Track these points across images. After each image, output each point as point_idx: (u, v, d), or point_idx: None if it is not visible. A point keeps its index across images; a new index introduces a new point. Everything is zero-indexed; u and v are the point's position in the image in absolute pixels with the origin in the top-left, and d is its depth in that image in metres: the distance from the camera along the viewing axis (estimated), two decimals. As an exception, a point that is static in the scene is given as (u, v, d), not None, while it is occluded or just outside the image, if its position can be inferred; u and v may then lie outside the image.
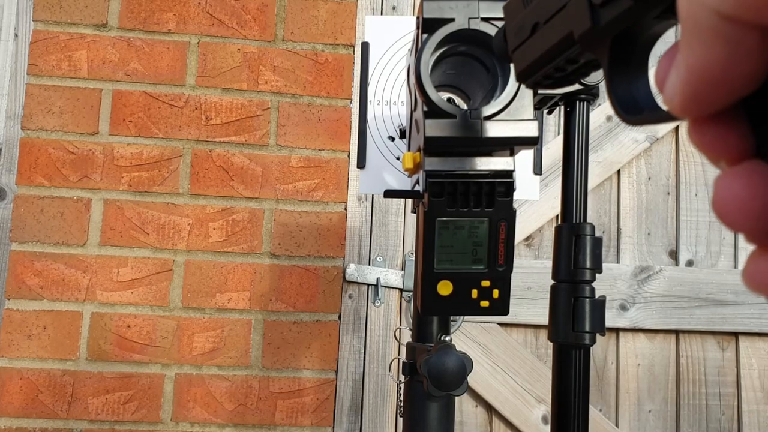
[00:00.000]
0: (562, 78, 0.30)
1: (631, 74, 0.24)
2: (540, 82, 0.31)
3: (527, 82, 0.32)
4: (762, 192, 0.16)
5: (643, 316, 1.25)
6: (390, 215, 1.25)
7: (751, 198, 0.16)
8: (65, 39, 1.20)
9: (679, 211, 1.31)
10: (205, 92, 1.21)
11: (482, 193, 0.49)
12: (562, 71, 0.29)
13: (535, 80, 0.31)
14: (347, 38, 1.25)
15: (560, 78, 0.30)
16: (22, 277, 1.15)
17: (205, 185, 1.20)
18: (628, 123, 0.24)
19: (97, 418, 1.14)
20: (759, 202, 0.16)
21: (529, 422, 1.21)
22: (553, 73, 0.29)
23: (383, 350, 1.22)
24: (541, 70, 0.30)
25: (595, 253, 0.60)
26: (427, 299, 0.53)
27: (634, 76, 0.24)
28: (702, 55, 0.16)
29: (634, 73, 0.24)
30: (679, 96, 0.17)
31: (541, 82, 0.31)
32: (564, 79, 0.30)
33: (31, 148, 1.17)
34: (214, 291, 1.18)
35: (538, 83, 0.31)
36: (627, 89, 0.24)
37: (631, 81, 0.24)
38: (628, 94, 0.24)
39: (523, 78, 0.32)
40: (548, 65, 0.29)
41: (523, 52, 0.31)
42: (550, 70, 0.29)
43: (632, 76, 0.24)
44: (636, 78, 0.24)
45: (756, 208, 0.16)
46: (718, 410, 1.27)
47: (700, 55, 0.16)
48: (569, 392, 0.60)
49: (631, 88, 0.24)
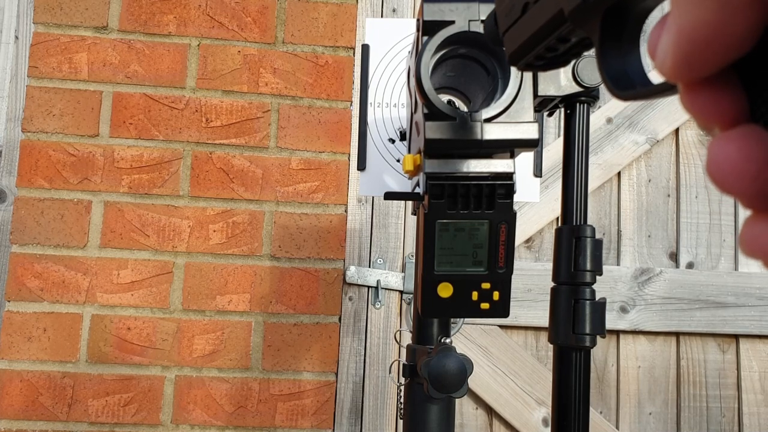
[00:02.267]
0: (554, 58, 0.30)
1: (623, 50, 0.23)
2: (532, 63, 0.31)
3: (519, 63, 0.32)
4: (757, 154, 0.16)
5: (644, 319, 1.25)
6: (390, 217, 1.25)
7: (745, 160, 0.16)
8: (66, 41, 1.20)
9: (680, 214, 1.31)
10: (205, 94, 1.22)
11: (482, 195, 0.49)
12: (554, 51, 0.29)
13: (527, 61, 0.31)
14: (347, 40, 1.25)
15: (552, 58, 0.30)
16: (23, 279, 1.15)
17: (205, 187, 1.20)
18: (619, 98, 0.23)
19: (97, 420, 1.13)
20: (754, 165, 0.16)
21: (529, 424, 1.21)
22: (544, 53, 0.29)
23: (383, 352, 1.22)
24: (533, 50, 0.29)
25: (595, 255, 0.60)
26: (427, 301, 0.53)
27: (626, 52, 0.23)
28: (693, 15, 0.16)
29: (626, 48, 0.23)
30: (671, 59, 0.17)
31: (533, 63, 0.31)
32: (556, 59, 0.30)
33: (32, 150, 1.17)
34: (214, 293, 1.18)
35: (530, 64, 0.31)
36: (619, 65, 0.23)
37: (623, 56, 0.23)
38: (621, 69, 0.23)
39: (515, 60, 0.32)
40: (539, 45, 0.29)
41: (513, 33, 0.31)
42: (542, 50, 0.29)
43: (624, 52, 0.23)
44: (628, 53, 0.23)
45: (751, 170, 0.16)
46: (718, 412, 1.27)
47: (690, 15, 0.16)
48: (570, 394, 0.60)
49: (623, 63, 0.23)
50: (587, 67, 0.58)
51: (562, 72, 0.58)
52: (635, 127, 1.31)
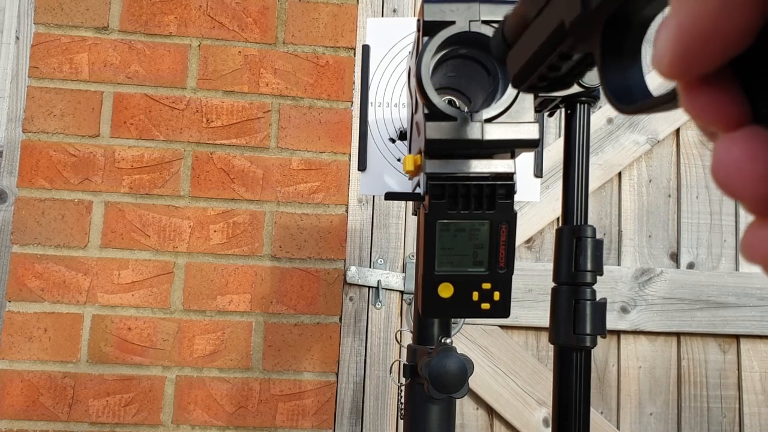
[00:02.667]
0: (557, 79, 0.30)
1: (624, 63, 0.24)
2: (535, 85, 0.31)
3: (523, 86, 0.31)
4: (763, 156, 0.16)
5: (644, 319, 1.25)
6: (391, 217, 1.25)
7: (751, 162, 0.16)
8: (66, 42, 1.20)
9: (680, 214, 1.31)
10: (206, 95, 1.22)
11: (483, 195, 0.49)
12: (556, 70, 0.29)
13: (531, 83, 0.31)
14: (348, 41, 1.25)
15: (555, 79, 0.30)
16: (23, 280, 1.15)
17: (205, 188, 1.20)
18: (622, 112, 0.24)
19: (97, 420, 1.14)
20: (760, 166, 0.16)
21: (530, 425, 1.21)
22: (547, 73, 0.29)
23: (384, 352, 1.22)
24: (536, 70, 0.29)
25: (596, 256, 0.60)
26: (427, 301, 0.53)
27: (627, 66, 0.24)
28: (692, 9, 0.16)
29: (627, 62, 0.24)
30: (669, 55, 0.17)
31: (536, 84, 0.31)
32: (559, 80, 0.30)
33: (33, 150, 1.17)
34: (214, 293, 1.18)
35: (533, 86, 0.31)
36: (620, 79, 0.24)
37: (625, 70, 0.24)
38: (622, 83, 0.24)
39: (518, 82, 0.32)
40: (542, 64, 0.29)
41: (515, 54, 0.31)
42: (545, 70, 0.29)
43: (625, 66, 0.24)
44: (629, 67, 0.24)
45: (757, 172, 0.16)
46: (719, 413, 1.26)
47: (690, 8, 0.16)
48: (570, 395, 0.60)
49: (624, 77, 0.24)
50: (588, 68, 0.58)
51: (563, 72, 0.58)
52: (636, 128, 1.31)
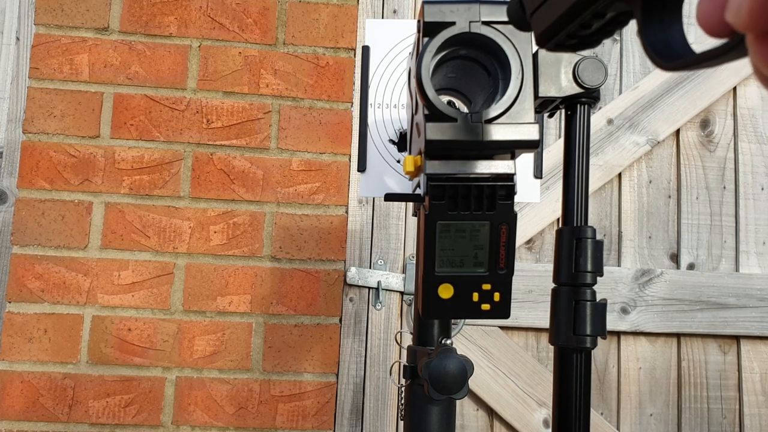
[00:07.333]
0: (586, 37, 0.29)
1: (665, 21, 0.23)
2: (563, 43, 0.30)
3: (549, 44, 0.31)
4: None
5: (645, 320, 1.25)
6: (391, 218, 1.25)
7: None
8: (67, 42, 1.20)
9: (680, 215, 1.31)
10: (206, 95, 1.22)
11: (483, 196, 0.49)
12: (587, 28, 0.28)
13: (558, 41, 0.30)
14: (348, 42, 1.25)
15: (584, 37, 0.29)
16: (23, 281, 1.15)
17: (206, 188, 1.20)
18: (664, 69, 0.23)
19: (97, 421, 1.13)
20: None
21: (530, 426, 1.21)
22: (577, 30, 0.28)
23: (384, 353, 1.22)
24: (565, 28, 0.29)
25: (596, 257, 0.60)
26: (428, 302, 0.53)
27: (668, 23, 0.23)
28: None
29: (669, 19, 0.23)
30: (747, 5, 0.17)
31: (564, 42, 0.30)
32: (588, 38, 0.29)
33: (33, 151, 1.18)
34: (215, 294, 1.18)
35: (560, 44, 0.30)
36: (662, 37, 0.23)
37: (666, 28, 0.23)
38: (663, 41, 0.23)
39: (544, 40, 0.31)
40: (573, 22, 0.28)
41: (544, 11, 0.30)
42: (575, 28, 0.28)
43: (666, 23, 0.23)
44: (671, 25, 0.23)
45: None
46: (719, 414, 1.26)
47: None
48: (570, 396, 0.60)
49: (666, 35, 0.23)
50: (588, 68, 0.58)
51: (563, 73, 0.58)
52: (636, 128, 1.31)
